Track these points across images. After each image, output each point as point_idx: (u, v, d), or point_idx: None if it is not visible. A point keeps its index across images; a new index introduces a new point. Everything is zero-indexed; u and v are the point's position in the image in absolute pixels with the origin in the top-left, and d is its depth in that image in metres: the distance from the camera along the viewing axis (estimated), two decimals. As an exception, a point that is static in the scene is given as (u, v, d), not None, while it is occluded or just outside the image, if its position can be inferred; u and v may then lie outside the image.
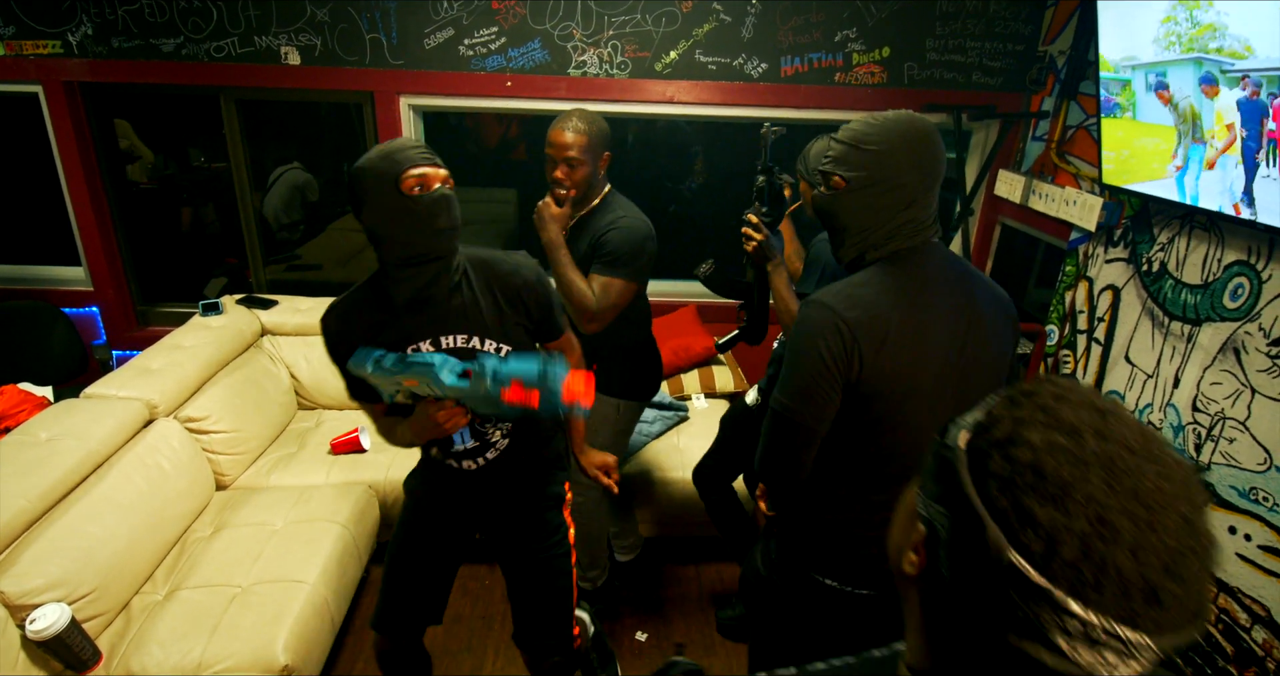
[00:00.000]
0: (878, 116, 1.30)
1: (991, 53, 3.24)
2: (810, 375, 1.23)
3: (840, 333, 1.21)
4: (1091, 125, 2.83)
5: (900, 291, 1.25)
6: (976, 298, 1.32)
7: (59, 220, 3.38)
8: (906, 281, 1.27)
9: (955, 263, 1.35)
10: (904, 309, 1.24)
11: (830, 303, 1.23)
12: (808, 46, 3.20)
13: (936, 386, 1.26)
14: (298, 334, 3.20)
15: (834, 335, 1.21)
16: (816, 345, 1.21)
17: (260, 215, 3.57)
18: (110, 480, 2.13)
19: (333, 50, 3.11)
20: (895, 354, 1.22)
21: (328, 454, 2.78)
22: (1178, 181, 2.24)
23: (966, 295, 1.31)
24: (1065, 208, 2.89)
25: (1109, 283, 2.74)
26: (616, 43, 3.16)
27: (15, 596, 1.74)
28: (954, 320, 1.28)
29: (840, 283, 1.29)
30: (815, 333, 1.22)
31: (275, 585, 2.08)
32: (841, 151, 1.29)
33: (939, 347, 1.26)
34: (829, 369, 1.22)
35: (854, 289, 1.26)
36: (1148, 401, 2.53)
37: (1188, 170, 2.21)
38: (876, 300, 1.23)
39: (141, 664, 1.85)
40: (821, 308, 1.23)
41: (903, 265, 1.28)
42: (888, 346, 1.22)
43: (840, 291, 1.26)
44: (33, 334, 3.25)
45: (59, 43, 3.07)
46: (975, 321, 1.30)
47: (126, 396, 2.43)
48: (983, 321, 1.31)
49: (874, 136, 1.27)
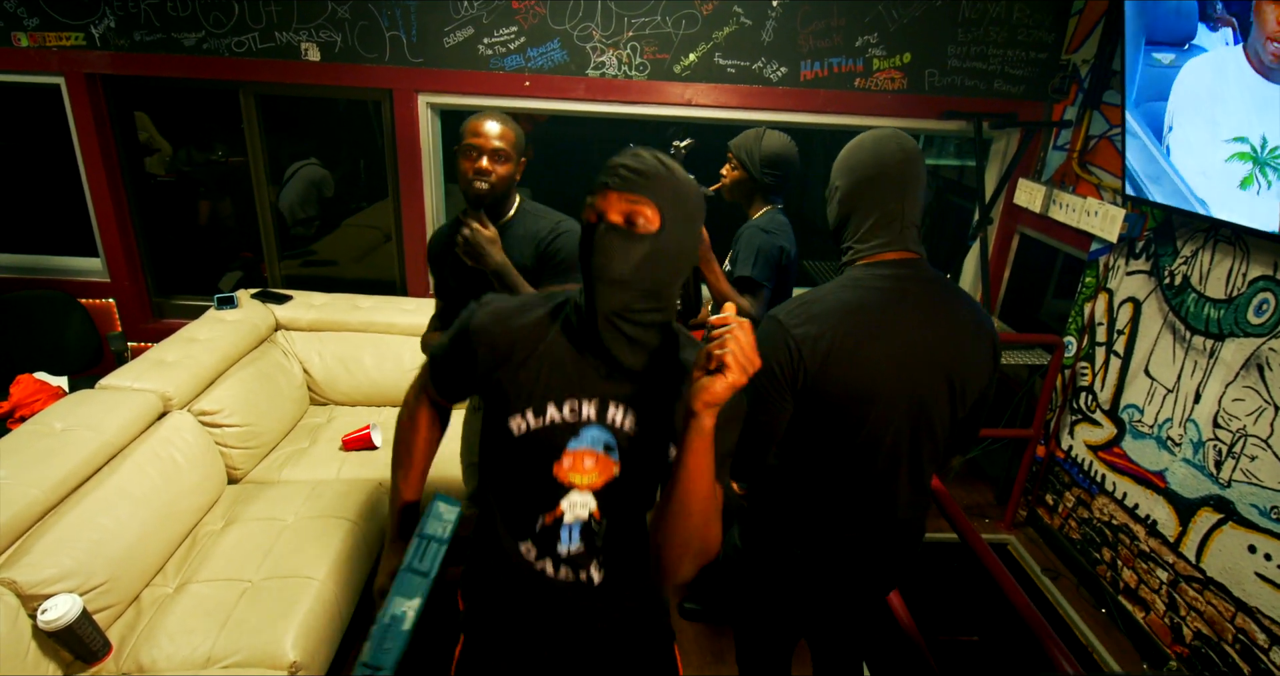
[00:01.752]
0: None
1: (1014, 60, 3.22)
2: (763, 383, 1.34)
3: (788, 347, 1.33)
4: (1115, 135, 2.80)
5: (852, 303, 1.35)
6: (953, 317, 1.39)
7: (78, 211, 3.40)
8: (863, 294, 1.35)
9: (936, 282, 1.41)
10: (852, 321, 1.33)
11: (782, 319, 1.36)
12: (828, 51, 3.18)
13: (888, 390, 1.35)
14: (311, 329, 3.20)
15: (782, 349, 1.33)
16: (767, 357, 1.28)
17: (276, 210, 3.58)
18: (124, 472, 2.13)
19: (353, 47, 3.12)
20: (839, 361, 1.32)
21: (339, 450, 2.79)
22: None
23: (941, 314, 1.38)
24: (1086, 218, 2.86)
25: (1130, 295, 2.71)
26: (636, 44, 3.15)
27: (28, 586, 1.74)
28: (919, 334, 1.35)
29: (799, 296, 1.41)
30: (766, 346, 1.30)
31: (285, 581, 2.08)
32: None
33: (890, 355, 1.34)
34: (777, 379, 1.34)
35: (807, 306, 1.37)
36: (1167, 416, 2.50)
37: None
38: (825, 315, 1.34)
39: (151, 656, 1.85)
40: (773, 322, 1.37)
41: (869, 278, 1.37)
42: (832, 358, 1.32)
43: (793, 308, 1.37)
44: (49, 323, 3.27)
45: (82, 35, 3.09)
46: (946, 338, 1.37)
47: (141, 388, 2.44)
48: (956, 339, 1.38)
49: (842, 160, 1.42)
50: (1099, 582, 2.81)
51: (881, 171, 1.35)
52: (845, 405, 1.36)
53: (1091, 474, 2.87)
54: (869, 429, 1.38)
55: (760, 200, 2.28)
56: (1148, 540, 2.58)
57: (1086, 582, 2.88)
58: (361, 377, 3.13)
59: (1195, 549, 2.37)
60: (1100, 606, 2.78)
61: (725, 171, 2.30)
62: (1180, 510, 2.43)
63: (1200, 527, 2.35)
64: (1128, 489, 2.67)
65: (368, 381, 3.14)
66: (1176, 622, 2.45)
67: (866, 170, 1.37)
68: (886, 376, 1.35)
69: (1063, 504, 3.06)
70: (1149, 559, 2.57)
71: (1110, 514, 2.77)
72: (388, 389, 3.14)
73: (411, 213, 3.43)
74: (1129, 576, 2.68)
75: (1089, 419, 2.90)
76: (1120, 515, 2.71)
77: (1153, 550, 2.56)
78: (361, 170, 3.92)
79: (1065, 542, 3.02)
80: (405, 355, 3.16)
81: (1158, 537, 2.53)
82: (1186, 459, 2.41)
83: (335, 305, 3.28)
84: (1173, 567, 2.47)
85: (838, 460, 1.43)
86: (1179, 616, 2.44)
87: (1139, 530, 2.62)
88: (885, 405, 1.36)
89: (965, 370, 1.40)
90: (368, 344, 3.17)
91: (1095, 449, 2.85)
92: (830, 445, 1.42)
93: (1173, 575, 2.47)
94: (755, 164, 2.20)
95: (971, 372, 1.41)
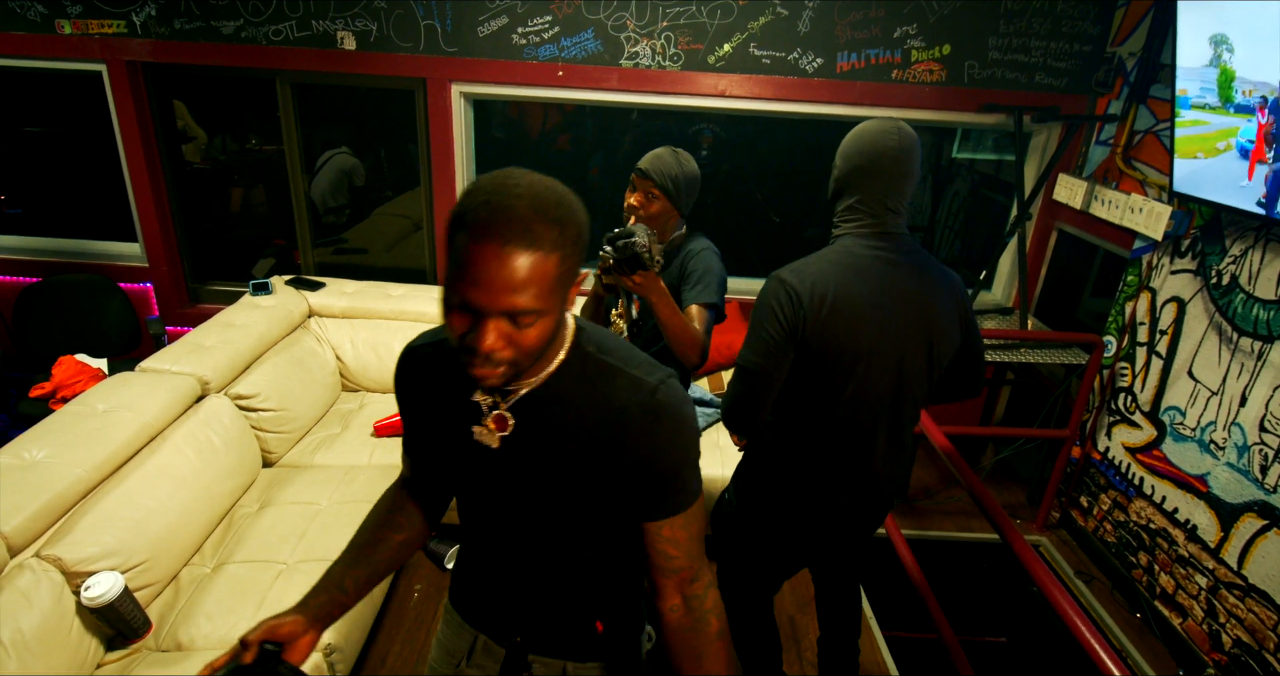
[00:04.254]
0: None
1: (1057, 53, 3.14)
2: (769, 333, 1.49)
3: (791, 300, 1.47)
4: (1163, 130, 2.73)
5: (846, 267, 1.49)
6: (933, 286, 1.54)
7: (118, 197, 3.46)
8: (854, 260, 1.50)
9: (919, 253, 1.56)
10: (846, 282, 1.47)
11: (783, 276, 1.50)
12: (865, 42, 3.13)
13: (875, 348, 1.50)
14: (344, 316, 3.23)
15: (786, 302, 1.47)
16: (772, 308, 1.48)
17: (308, 198, 3.61)
18: (164, 453, 2.17)
19: (388, 36, 3.13)
20: (834, 317, 1.46)
21: (371, 436, 2.81)
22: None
23: (923, 282, 1.53)
24: (1130, 215, 2.79)
25: (1174, 294, 2.65)
26: (670, 34, 3.12)
27: (72, 563, 1.78)
28: (900, 297, 1.50)
29: (799, 260, 1.54)
30: (771, 298, 1.49)
31: (319, 563, 2.10)
32: None
33: (878, 317, 1.48)
34: (782, 327, 1.48)
35: (803, 265, 1.52)
36: (1210, 419, 2.44)
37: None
38: (820, 273, 1.48)
39: (189, 634, 1.89)
40: (775, 280, 1.51)
41: (857, 247, 1.52)
42: (831, 313, 1.46)
43: (792, 267, 1.52)
44: (90, 307, 3.33)
45: (123, 23, 3.13)
46: (928, 305, 1.53)
47: (180, 371, 2.48)
48: (935, 306, 1.53)
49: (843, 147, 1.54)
50: (1134, 587, 2.76)
51: (876, 162, 1.47)
52: (837, 358, 1.50)
53: (1129, 476, 2.81)
54: (855, 385, 1.52)
55: (676, 223, 1.95)
56: (1187, 545, 2.53)
57: (1121, 586, 2.83)
58: (392, 364, 3.13)
59: (1237, 555, 2.31)
60: (1135, 611, 2.73)
61: (638, 201, 1.88)
62: (1222, 515, 2.38)
63: (1243, 533, 2.29)
64: (1167, 492, 2.62)
65: (398, 369, 3.16)
66: (1215, 629, 2.39)
67: (863, 159, 1.49)
68: (876, 336, 1.49)
69: (1098, 506, 3.00)
70: (1188, 564, 2.52)
71: (1148, 517, 2.72)
72: (418, 377, 3.16)
73: (443, 202, 3.44)
74: (1166, 581, 2.62)
75: (1128, 420, 2.84)
76: (1158, 519, 2.66)
77: (1192, 555, 2.50)
78: (383, 159, 3.92)
79: (1100, 545, 2.97)
80: (435, 344, 3.17)
81: (1198, 543, 2.48)
82: (1230, 463, 2.35)
83: (367, 293, 3.31)
84: (1213, 573, 2.41)
85: (825, 414, 1.57)
86: (1218, 623, 2.38)
87: (1178, 534, 2.56)
88: (873, 363, 1.51)
89: (942, 336, 1.55)
90: (398, 331, 3.19)
91: (1134, 451, 2.79)
92: (819, 399, 1.56)
93: (1212, 581, 2.41)
94: (681, 190, 1.87)
95: (946, 338, 1.56)
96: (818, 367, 1.51)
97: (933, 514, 3.27)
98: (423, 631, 2.41)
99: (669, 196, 1.86)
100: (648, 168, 1.85)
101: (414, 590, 2.59)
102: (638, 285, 1.62)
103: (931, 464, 3.65)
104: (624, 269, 1.61)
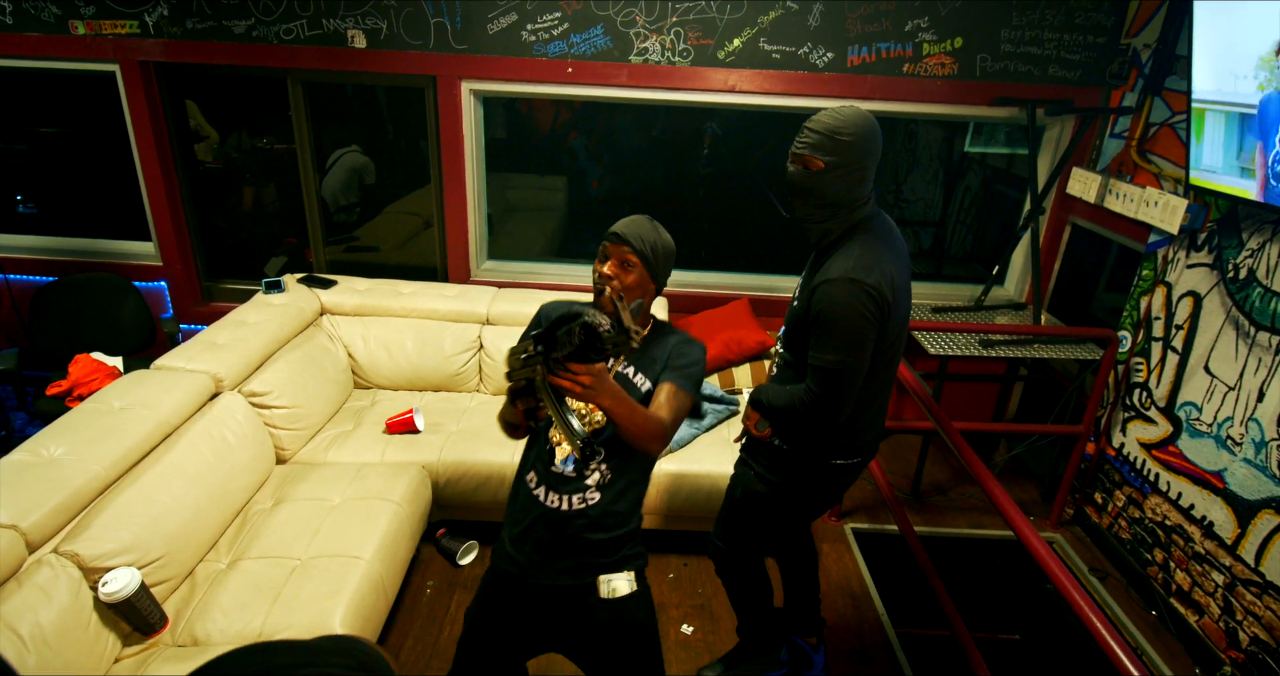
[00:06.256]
0: (842, 111, 1.61)
1: (1070, 45, 3.11)
2: (866, 336, 1.59)
3: (873, 298, 1.57)
4: (1179, 122, 2.70)
5: (885, 251, 1.64)
6: (904, 251, 1.73)
7: (132, 196, 3.49)
8: (879, 243, 1.64)
9: (892, 226, 1.74)
10: (897, 267, 1.64)
11: (858, 277, 1.57)
12: (876, 36, 3.11)
13: (906, 318, 1.73)
14: (355, 314, 3.25)
15: (869, 302, 1.56)
16: (865, 315, 1.57)
17: (320, 196, 3.63)
18: (179, 450, 2.19)
19: (398, 34, 3.14)
20: (898, 300, 1.63)
21: (383, 433, 2.83)
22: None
23: (903, 249, 1.73)
24: (1145, 209, 2.77)
25: (1189, 288, 2.62)
26: (679, 29, 3.11)
27: (89, 559, 1.80)
28: (906, 268, 1.70)
29: (842, 259, 1.61)
30: (853, 300, 1.56)
31: (333, 559, 2.12)
32: (818, 140, 1.60)
33: (908, 290, 1.70)
34: (871, 324, 1.58)
35: (858, 260, 1.59)
36: (1227, 414, 2.41)
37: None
38: (883, 267, 1.60)
39: (205, 629, 1.90)
40: (849, 282, 1.57)
41: (873, 231, 1.66)
42: (895, 296, 1.61)
43: (854, 265, 1.58)
44: (106, 305, 3.36)
45: (136, 23, 3.15)
46: (908, 268, 1.73)
47: (194, 369, 2.50)
48: (909, 268, 1.73)
49: (846, 129, 1.58)
50: (1149, 584, 2.74)
51: (880, 147, 1.65)
52: (896, 336, 1.69)
53: (1144, 472, 2.79)
54: (894, 350, 1.71)
55: (650, 302, 1.64)
56: (1203, 541, 2.50)
57: (1136, 583, 2.80)
58: (404, 362, 3.17)
59: (1255, 552, 2.29)
60: (1150, 608, 2.71)
61: (612, 269, 1.54)
62: (1240, 511, 2.35)
63: (1261, 530, 2.27)
64: (1183, 488, 2.59)
65: (410, 366, 3.17)
66: (1232, 627, 2.37)
67: (879, 142, 1.63)
68: (906, 305, 1.69)
69: (1112, 503, 2.98)
70: (1204, 561, 2.50)
71: (1163, 514, 2.69)
72: (429, 373, 3.18)
73: (453, 199, 3.45)
74: (1182, 578, 2.60)
75: (1143, 416, 2.81)
76: (1174, 515, 2.64)
77: (1208, 552, 2.48)
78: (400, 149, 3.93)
79: (1114, 542, 2.95)
80: (446, 340, 3.19)
81: (1214, 539, 2.45)
82: (1248, 459, 2.33)
83: (378, 290, 3.32)
84: (1229, 570, 2.39)
85: (883, 385, 1.77)
86: (1235, 620, 2.36)
87: (1194, 531, 2.54)
88: (903, 329, 1.72)
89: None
90: (410, 329, 3.20)
91: (1149, 447, 2.77)
92: (879, 373, 1.71)
93: (1229, 578, 2.39)
94: (659, 259, 1.57)
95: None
96: (882, 347, 1.66)
97: (946, 510, 3.25)
98: (435, 627, 2.43)
99: (647, 265, 1.55)
100: (624, 231, 1.54)
101: (426, 586, 2.60)
102: (585, 389, 1.28)
103: (944, 461, 3.63)
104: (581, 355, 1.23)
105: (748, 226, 4.12)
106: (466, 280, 3.61)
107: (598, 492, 1.55)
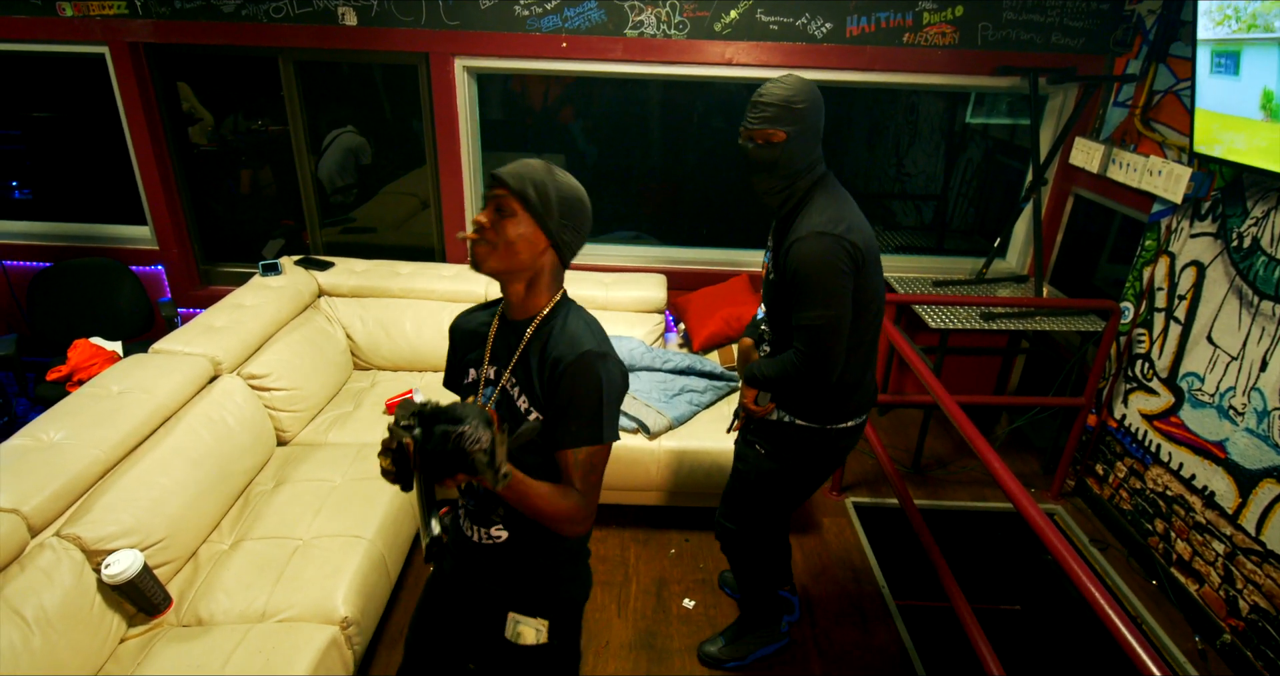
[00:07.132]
0: (786, 80, 1.64)
1: (1073, 12, 3.05)
2: (839, 284, 1.61)
3: (848, 251, 1.60)
4: (1183, 90, 2.65)
5: (845, 202, 1.68)
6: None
7: (126, 180, 3.46)
8: (839, 197, 1.69)
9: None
10: (855, 213, 1.67)
11: (830, 230, 1.60)
12: (875, 5, 3.05)
13: (880, 275, 1.75)
14: (354, 295, 3.24)
15: (841, 250, 1.59)
16: (832, 262, 1.59)
17: (316, 178, 3.60)
18: (179, 433, 2.19)
19: (389, 10, 3.08)
20: (868, 246, 1.66)
21: (383, 413, 2.83)
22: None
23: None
24: (1148, 178, 2.73)
25: (1193, 258, 2.59)
26: (675, 2, 3.06)
27: (92, 542, 1.81)
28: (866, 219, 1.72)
29: (807, 217, 1.64)
30: (826, 253, 1.59)
31: (335, 539, 2.13)
32: (775, 112, 1.61)
33: (874, 239, 1.71)
34: (847, 275, 1.61)
35: (823, 214, 1.63)
36: (1230, 384, 2.40)
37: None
38: (853, 218, 1.65)
39: (209, 610, 1.92)
40: (832, 239, 1.60)
41: (829, 187, 1.70)
42: (869, 252, 1.65)
43: (819, 221, 1.61)
44: (103, 290, 3.35)
45: (124, 3, 3.11)
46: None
47: (192, 352, 2.49)
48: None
49: (799, 97, 1.62)
50: (1150, 554, 2.74)
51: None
52: (870, 283, 1.68)
53: (1145, 443, 2.78)
54: (875, 302, 1.73)
55: (553, 274, 1.27)
56: (1204, 511, 2.50)
57: (1137, 554, 2.81)
58: (402, 343, 3.16)
59: (1255, 521, 2.29)
60: (1151, 578, 2.72)
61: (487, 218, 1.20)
62: (1241, 481, 2.35)
63: (1262, 499, 2.26)
64: (1184, 459, 2.59)
65: (408, 346, 3.17)
66: (1232, 596, 2.38)
67: (822, 106, 1.66)
68: (877, 253, 1.70)
69: (1113, 474, 2.98)
70: (1205, 530, 2.50)
71: (1164, 484, 2.69)
72: (428, 354, 3.17)
73: (450, 178, 3.42)
74: (1183, 548, 2.61)
75: (1145, 387, 2.80)
76: (1175, 486, 2.63)
77: (1209, 522, 2.48)
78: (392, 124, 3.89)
79: (1115, 513, 2.95)
80: (445, 320, 3.14)
81: (1215, 509, 2.45)
82: (1249, 429, 2.31)
83: (376, 271, 3.31)
84: (1230, 540, 2.39)
85: (869, 345, 1.79)
86: (1235, 589, 2.37)
87: (1195, 501, 2.54)
88: (879, 279, 1.73)
89: None
90: (408, 309, 3.19)
91: (1150, 418, 2.76)
92: (863, 332, 1.74)
93: (1230, 547, 2.39)
94: (553, 207, 1.21)
95: None
96: (862, 298, 1.67)
97: (947, 483, 3.26)
98: (439, 604, 2.45)
99: (534, 214, 1.18)
100: (502, 170, 1.20)
101: (429, 565, 2.61)
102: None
103: (945, 433, 3.63)
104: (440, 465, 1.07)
105: (747, 203, 4.09)
106: (464, 260, 3.59)
107: (504, 531, 1.35)
